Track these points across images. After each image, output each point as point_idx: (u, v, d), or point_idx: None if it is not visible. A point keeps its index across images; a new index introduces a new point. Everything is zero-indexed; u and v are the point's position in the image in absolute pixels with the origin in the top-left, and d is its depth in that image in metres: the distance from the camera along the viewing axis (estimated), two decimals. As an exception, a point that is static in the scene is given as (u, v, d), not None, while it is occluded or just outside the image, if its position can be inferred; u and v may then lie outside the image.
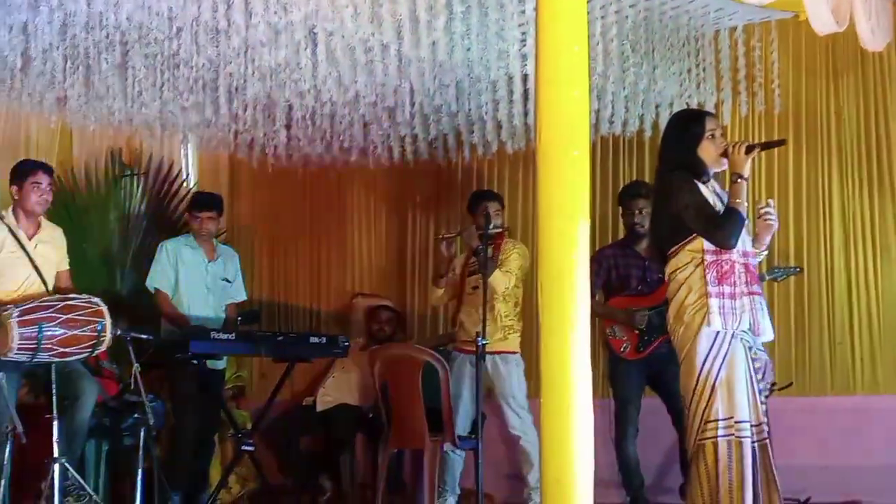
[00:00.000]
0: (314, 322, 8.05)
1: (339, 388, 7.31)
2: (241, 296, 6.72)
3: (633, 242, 6.16)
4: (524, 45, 5.45)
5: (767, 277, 6.04)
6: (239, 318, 6.57)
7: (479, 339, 5.72)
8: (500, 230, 6.25)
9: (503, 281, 6.11)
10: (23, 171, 5.68)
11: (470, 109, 6.41)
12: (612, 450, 6.03)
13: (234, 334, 6.14)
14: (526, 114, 6.31)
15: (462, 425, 6.10)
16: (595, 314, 5.97)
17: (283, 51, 5.33)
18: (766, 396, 4.42)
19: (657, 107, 6.38)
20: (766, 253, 4.54)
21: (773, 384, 6.05)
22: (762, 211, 4.44)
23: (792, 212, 6.63)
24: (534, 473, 6.05)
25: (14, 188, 5.66)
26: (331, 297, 8.08)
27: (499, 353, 6.13)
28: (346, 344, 6.61)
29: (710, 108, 6.28)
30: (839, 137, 6.57)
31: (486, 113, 6.35)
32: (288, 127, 6.77)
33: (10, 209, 5.68)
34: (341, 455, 7.24)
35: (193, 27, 5.25)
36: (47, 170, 5.76)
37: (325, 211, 8.08)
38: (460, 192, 7.31)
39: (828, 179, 6.58)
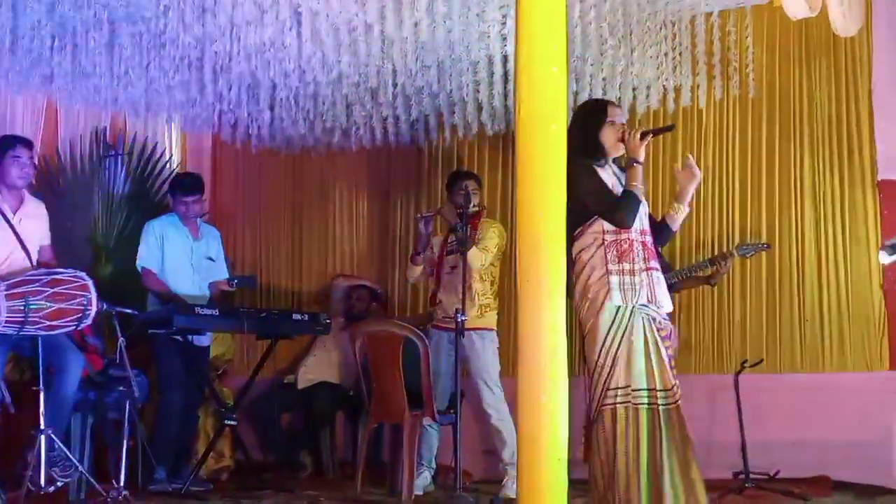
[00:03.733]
0: (295, 303, 8.13)
1: (319, 367, 7.42)
2: (224, 274, 6.79)
3: None
4: (504, 27, 5.58)
5: (738, 254, 6.20)
6: (236, 281, 6.64)
7: (459, 314, 5.82)
8: (477, 209, 6.35)
9: (480, 257, 6.20)
10: (2, 146, 5.72)
11: (451, 91, 6.50)
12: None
13: (217, 310, 6.24)
14: (506, 95, 6.43)
15: (440, 401, 6.19)
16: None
17: (269, 29, 5.42)
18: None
19: (634, 90, 6.51)
20: (688, 211, 4.76)
21: (745, 361, 6.23)
22: (686, 162, 4.72)
23: (765, 193, 6.79)
24: (507, 449, 6.16)
25: None
26: (312, 278, 8.16)
27: (475, 329, 6.22)
28: (328, 321, 6.72)
29: (685, 91, 6.47)
30: (811, 121, 6.72)
31: (466, 94, 6.45)
32: (272, 108, 6.85)
33: None
34: (321, 432, 7.35)
35: (180, 5, 5.33)
36: (27, 144, 5.81)
37: (306, 192, 8.15)
38: (441, 174, 7.41)
39: (800, 162, 6.72)
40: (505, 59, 6.00)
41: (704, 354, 6.82)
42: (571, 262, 4.56)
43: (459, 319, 5.81)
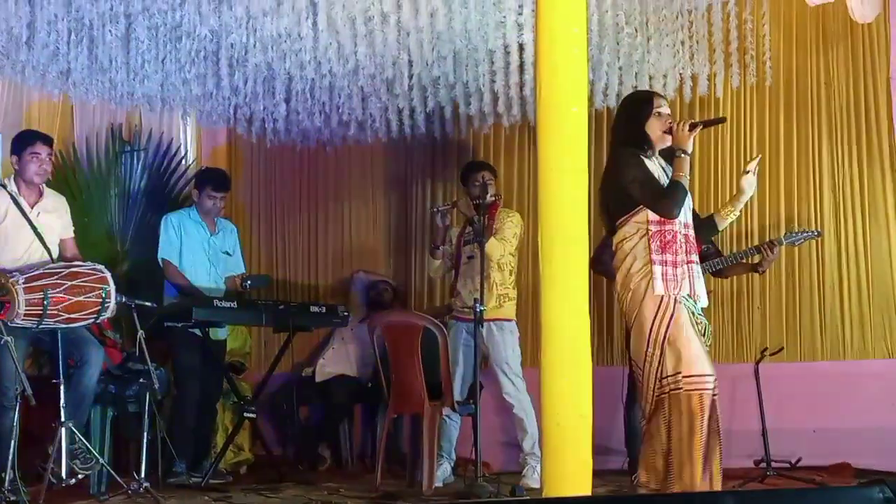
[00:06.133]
0: (312, 297, 8.12)
1: (337, 360, 7.42)
2: (240, 269, 6.79)
3: None
4: (520, 15, 5.56)
5: (785, 242, 6.09)
6: (248, 282, 6.62)
7: (477, 305, 5.81)
8: (494, 199, 6.32)
9: (498, 247, 6.19)
10: (22, 142, 5.75)
11: (467, 81, 6.48)
12: (610, 417, 6.16)
13: (235, 302, 6.24)
14: (522, 85, 6.41)
15: (459, 392, 6.18)
16: (612, 277, 6.24)
17: (285, 20, 5.42)
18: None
19: (650, 79, 6.48)
20: (737, 215, 4.81)
21: (765, 349, 6.22)
22: (750, 167, 4.72)
23: (783, 180, 6.78)
24: (528, 440, 6.15)
25: (14, 158, 5.73)
26: (329, 272, 8.16)
27: (494, 320, 6.19)
28: (346, 314, 6.71)
29: (702, 80, 6.45)
30: (829, 108, 6.71)
31: (482, 84, 6.45)
32: (287, 101, 6.84)
33: (11, 178, 5.77)
34: (340, 425, 7.36)
35: (197, -3, 5.34)
36: (46, 140, 5.82)
37: (322, 186, 8.15)
38: (456, 166, 7.39)
39: (818, 148, 6.72)
40: (521, 48, 5.98)
41: (724, 343, 6.80)
42: (612, 252, 4.52)
43: (478, 309, 5.80)
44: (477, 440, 5.74)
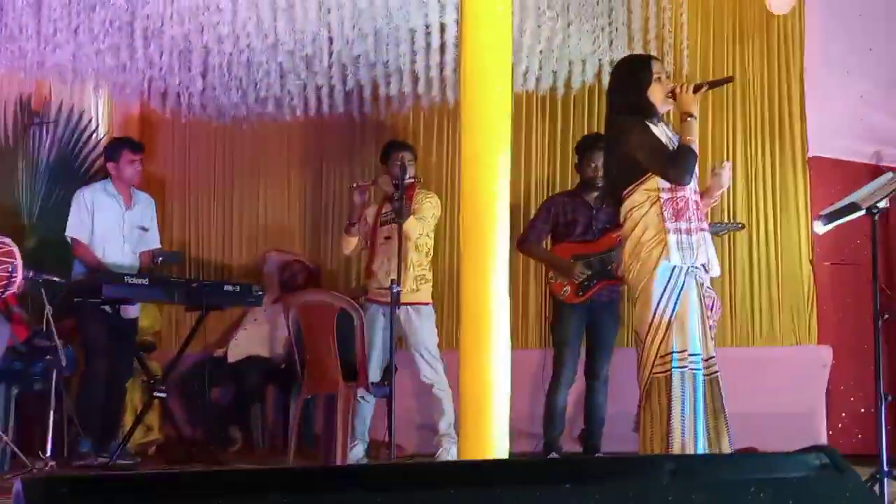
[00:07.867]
0: (226, 276, 8.01)
1: (250, 340, 7.34)
2: (156, 243, 6.68)
3: (584, 192, 6.25)
4: (443, -6, 5.53)
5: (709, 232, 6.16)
6: (160, 259, 6.50)
7: (393, 286, 5.78)
8: (413, 180, 6.32)
9: (417, 227, 6.17)
10: None
11: (388, 60, 6.43)
12: (525, 400, 6.18)
13: (147, 279, 6.11)
14: (442, 66, 6.38)
15: (374, 374, 6.16)
16: (539, 259, 6.30)
17: (204, -10, 5.31)
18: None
19: (570, 63, 6.51)
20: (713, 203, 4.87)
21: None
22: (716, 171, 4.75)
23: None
24: (444, 420, 6.17)
25: None
26: (243, 252, 8.04)
27: (411, 304, 6.19)
28: (260, 293, 6.63)
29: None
30: (744, 99, 6.79)
31: (403, 64, 6.40)
32: (204, 75, 6.70)
33: None
34: (252, 406, 7.28)
35: (113, -37, 5.20)
36: None
37: (238, 163, 8.02)
38: (375, 147, 7.34)
39: (732, 139, 6.79)
40: (443, 28, 5.95)
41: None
42: (620, 223, 4.43)
43: (394, 290, 5.77)
44: (391, 422, 5.72)
